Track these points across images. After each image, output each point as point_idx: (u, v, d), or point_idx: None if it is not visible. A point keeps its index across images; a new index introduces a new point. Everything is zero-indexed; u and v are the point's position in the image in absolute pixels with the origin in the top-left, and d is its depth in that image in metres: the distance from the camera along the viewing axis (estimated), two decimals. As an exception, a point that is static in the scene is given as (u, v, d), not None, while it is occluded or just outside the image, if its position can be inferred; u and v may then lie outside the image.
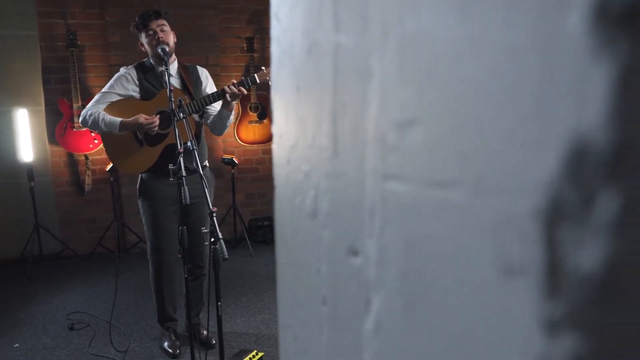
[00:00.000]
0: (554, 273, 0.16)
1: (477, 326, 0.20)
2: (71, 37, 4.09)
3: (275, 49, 0.54)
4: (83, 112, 2.53)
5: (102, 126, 2.47)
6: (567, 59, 0.16)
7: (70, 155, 4.34)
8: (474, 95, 0.20)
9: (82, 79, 4.21)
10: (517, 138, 0.18)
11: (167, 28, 2.53)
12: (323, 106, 0.40)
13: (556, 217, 0.16)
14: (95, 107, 2.50)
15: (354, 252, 0.36)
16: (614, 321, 0.16)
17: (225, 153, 4.66)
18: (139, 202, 2.63)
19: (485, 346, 0.20)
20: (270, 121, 1.11)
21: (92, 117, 2.47)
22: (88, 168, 4.32)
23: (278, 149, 0.55)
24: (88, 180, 4.33)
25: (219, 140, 4.61)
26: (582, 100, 0.15)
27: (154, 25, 2.48)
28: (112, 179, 4.17)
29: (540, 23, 0.16)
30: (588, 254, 0.15)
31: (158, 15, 2.52)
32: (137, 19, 2.52)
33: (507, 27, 0.18)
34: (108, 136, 2.58)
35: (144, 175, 2.60)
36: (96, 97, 2.56)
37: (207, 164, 2.77)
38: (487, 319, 0.19)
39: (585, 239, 0.15)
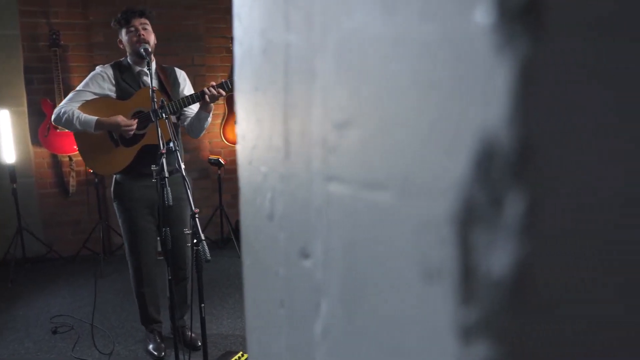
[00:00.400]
0: (468, 278, 0.16)
1: (404, 333, 0.20)
2: (54, 36, 4.04)
3: (237, 49, 0.53)
4: (56, 110, 2.48)
5: (77, 125, 2.43)
6: (474, 55, 0.15)
7: (54, 157, 4.28)
8: (397, 94, 0.20)
9: (65, 79, 4.15)
10: (434, 138, 0.17)
11: (149, 27, 2.51)
12: (276, 107, 0.39)
13: (469, 220, 0.16)
14: (69, 105, 2.45)
15: (306, 255, 0.35)
16: (526, 326, 0.15)
17: (212, 154, 4.64)
18: (115, 205, 2.59)
19: (411, 354, 0.19)
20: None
21: (65, 115, 2.42)
22: (72, 169, 4.26)
23: (241, 149, 0.54)
24: (72, 181, 4.28)
25: (206, 140, 4.59)
26: (487, 98, 0.15)
27: (136, 22, 2.46)
28: (96, 180, 4.13)
29: (451, 17, 0.16)
30: (499, 257, 0.15)
31: (142, 14, 2.49)
32: (119, 15, 2.49)
33: (423, 22, 0.17)
34: (82, 135, 2.52)
35: (117, 176, 2.57)
36: (70, 95, 2.51)
37: (183, 166, 2.75)
38: (412, 325, 0.19)
39: (496, 242, 0.15)
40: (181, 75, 2.69)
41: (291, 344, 0.42)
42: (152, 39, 2.49)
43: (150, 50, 2.43)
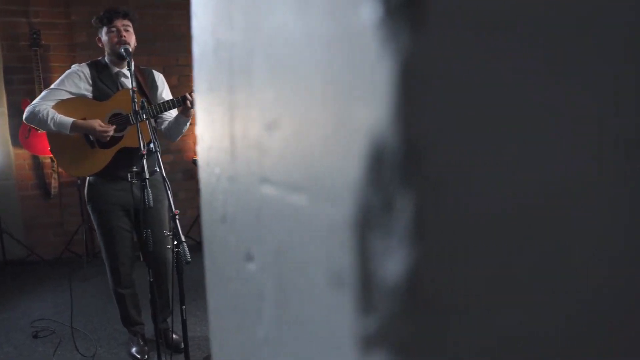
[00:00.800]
0: (367, 285, 0.15)
1: (318, 343, 0.19)
2: (34, 36, 3.98)
3: (195, 49, 0.53)
4: (28, 108, 2.39)
5: (51, 125, 2.36)
6: (365, 52, 0.15)
7: (35, 158, 4.22)
8: (309, 94, 0.19)
9: (47, 80, 4.09)
10: (336, 139, 0.17)
11: (131, 30, 2.48)
12: (224, 107, 0.38)
13: (365, 225, 0.15)
14: (43, 104, 2.37)
15: (250, 258, 0.34)
16: (421, 334, 0.15)
17: (196, 154, 4.60)
18: (89, 207, 2.53)
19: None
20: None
21: (39, 114, 2.34)
22: (54, 171, 4.20)
23: (200, 150, 0.53)
24: (54, 183, 4.22)
25: (190, 141, 4.55)
26: (375, 97, 0.14)
27: (119, 23, 2.42)
28: (79, 181, 4.07)
29: (349, 13, 0.15)
30: (393, 264, 0.14)
31: (126, 15, 2.46)
32: (102, 13, 2.45)
33: (327, 19, 0.17)
34: (56, 135, 2.45)
35: (91, 178, 2.51)
36: (44, 93, 2.44)
37: (157, 169, 2.71)
38: (323, 334, 0.18)
39: (390, 248, 0.15)
40: (159, 78, 2.65)
41: (244, 348, 0.41)
42: (132, 41, 2.46)
43: (130, 50, 2.40)
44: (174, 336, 2.70)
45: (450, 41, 0.13)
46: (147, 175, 2.08)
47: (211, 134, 0.46)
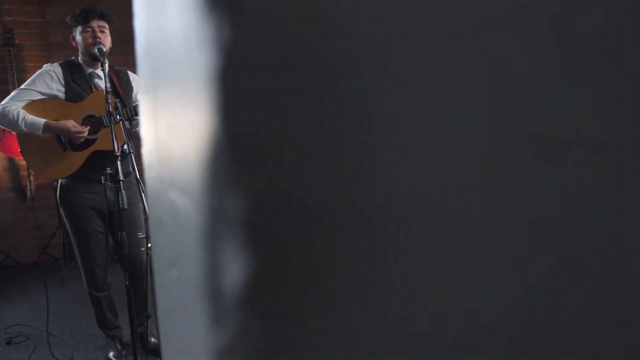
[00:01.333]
0: (216, 297, 0.15)
1: (192, 357, 0.18)
2: (7, 35, 3.90)
3: (138, 48, 0.52)
4: None
5: (22, 126, 2.31)
6: (203, 51, 0.14)
7: (10, 160, 4.14)
8: (187, 96, 0.18)
9: (21, 80, 4.00)
10: (200, 143, 0.16)
11: (106, 31, 2.44)
12: (153, 109, 0.38)
13: (211, 233, 0.15)
14: (13, 104, 2.31)
15: (174, 264, 0.34)
16: (267, 346, 0.14)
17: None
18: (62, 211, 2.50)
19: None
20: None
21: (9, 115, 2.28)
22: (30, 173, 4.13)
23: (144, 152, 0.52)
24: (30, 185, 4.14)
25: (170, 142, 4.51)
26: (206, 97, 0.14)
27: (94, 23, 2.38)
28: (55, 183, 4.00)
29: (199, 11, 0.15)
30: (234, 273, 0.14)
31: (102, 16, 2.41)
32: (78, 12, 2.40)
33: (193, 19, 0.16)
34: (27, 136, 2.39)
35: (63, 181, 2.47)
36: (13, 93, 2.38)
37: (132, 171, 2.67)
38: (191, 348, 0.18)
39: (231, 256, 0.14)
40: (135, 79, 2.62)
41: (175, 354, 0.40)
42: (108, 42, 2.41)
43: (104, 50, 2.35)
44: (152, 339, 2.67)
45: (272, 35, 0.13)
46: (122, 177, 2.05)
47: (150, 136, 0.46)
